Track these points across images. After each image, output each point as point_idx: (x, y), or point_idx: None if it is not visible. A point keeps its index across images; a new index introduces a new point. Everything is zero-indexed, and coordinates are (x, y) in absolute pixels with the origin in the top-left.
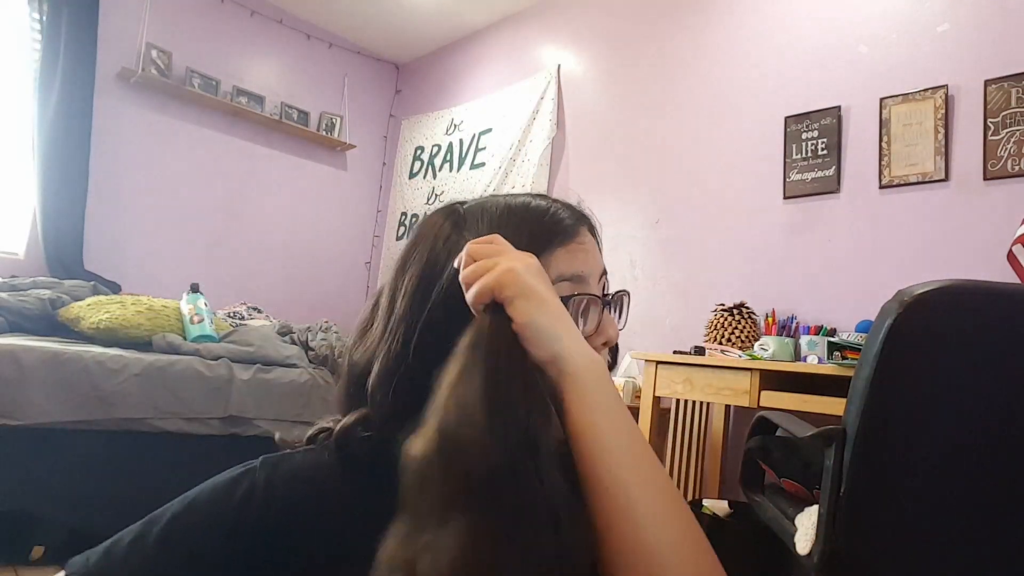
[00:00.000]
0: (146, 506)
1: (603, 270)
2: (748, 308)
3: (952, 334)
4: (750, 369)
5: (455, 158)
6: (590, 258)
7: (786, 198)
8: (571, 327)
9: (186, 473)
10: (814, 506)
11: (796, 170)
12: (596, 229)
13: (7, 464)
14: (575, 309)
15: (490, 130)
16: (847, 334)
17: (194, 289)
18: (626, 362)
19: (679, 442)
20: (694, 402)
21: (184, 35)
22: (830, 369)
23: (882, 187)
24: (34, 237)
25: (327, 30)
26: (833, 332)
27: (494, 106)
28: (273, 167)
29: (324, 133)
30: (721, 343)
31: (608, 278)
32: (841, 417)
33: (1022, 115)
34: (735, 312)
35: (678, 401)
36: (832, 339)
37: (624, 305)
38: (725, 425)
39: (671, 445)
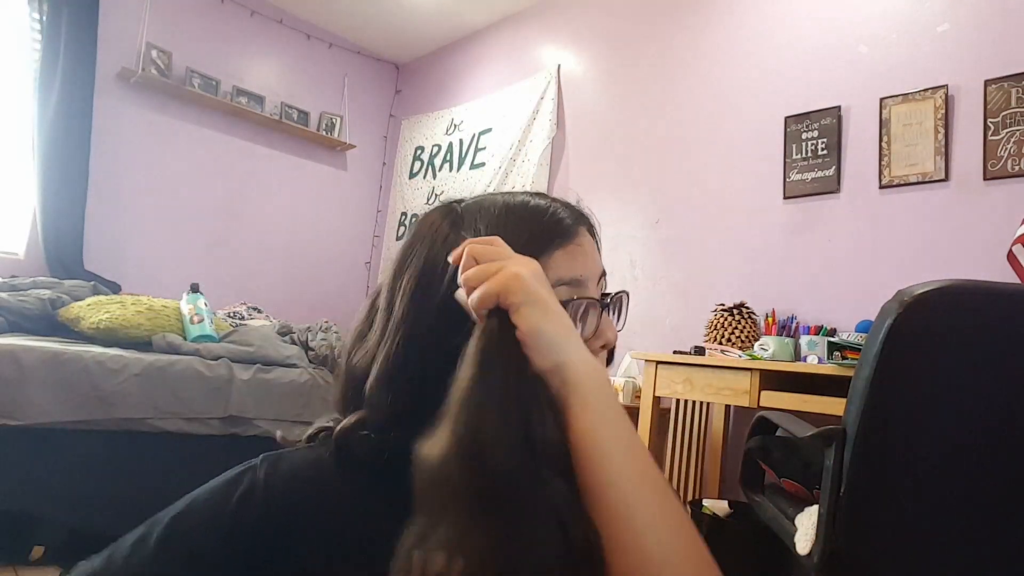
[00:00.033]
0: (146, 506)
1: (602, 271)
2: (748, 308)
3: (952, 334)
4: (750, 369)
5: (455, 158)
6: (589, 260)
7: (786, 198)
8: (574, 336)
9: (186, 473)
10: (814, 506)
11: (796, 170)
12: (595, 229)
13: (7, 464)
14: (574, 313)
15: (490, 130)
16: (847, 334)
17: (194, 289)
18: (626, 362)
19: (679, 442)
20: (694, 402)
21: (184, 35)
22: (830, 369)
23: (882, 187)
24: (34, 237)
25: (327, 30)
26: (833, 332)
27: (494, 106)
28: (273, 167)
29: (324, 133)
30: (721, 343)
31: (607, 278)
32: (841, 417)
33: (1022, 115)
34: (735, 312)
35: (678, 401)
36: (832, 339)
37: (623, 306)
38: (725, 425)
39: (671, 445)
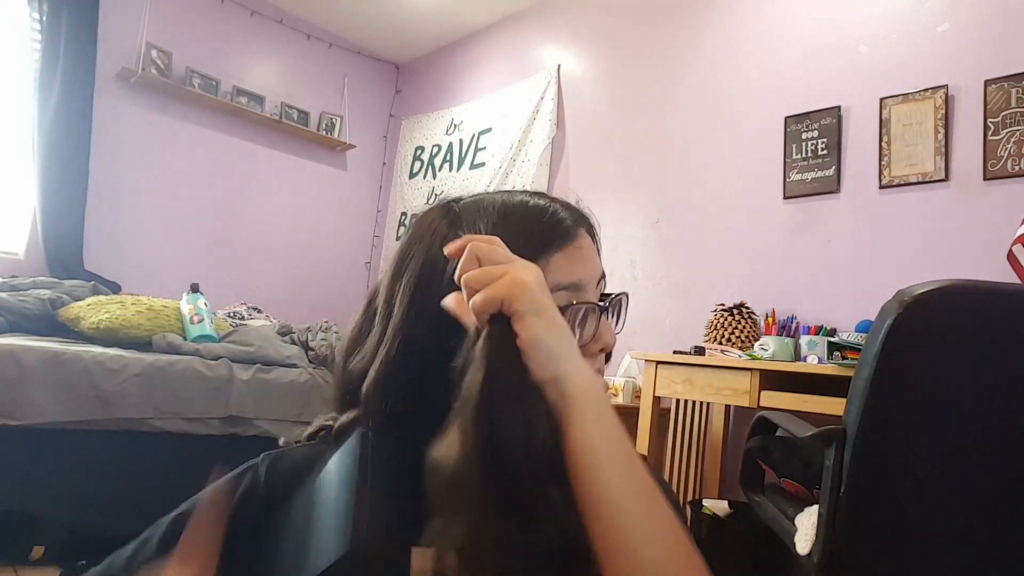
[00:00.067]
0: (146, 506)
1: (601, 273)
2: (748, 308)
3: (952, 334)
4: (750, 369)
5: (455, 158)
6: (588, 263)
7: (786, 198)
8: (573, 347)
9: (186, 473)
10: (814, 506)
11: (796, 170)
12: (595, 229)
13: (7, 464)
14: (572, 318)
15: (490, 130)
16: (847, 334)
17: (194, 289)
18: (626, 362)
19: (679, 442)
20: (694, 402)
21: (184, 35)
22: (830, 369)
23: (882, 187)
24: (34, 237)
25: (327, 30)
26: (833, 332)
27: (494, 106)
28: (273, 167)
29: (324, 133)
30: (721, 343)
31: (607, 279)
32: (841, 417)
33: (1022, 115)
34: (735, 312)
35: (678, 401)
36: (832, 339)
37: (622, 308)
38: (725, 425)
39: (671, 445)
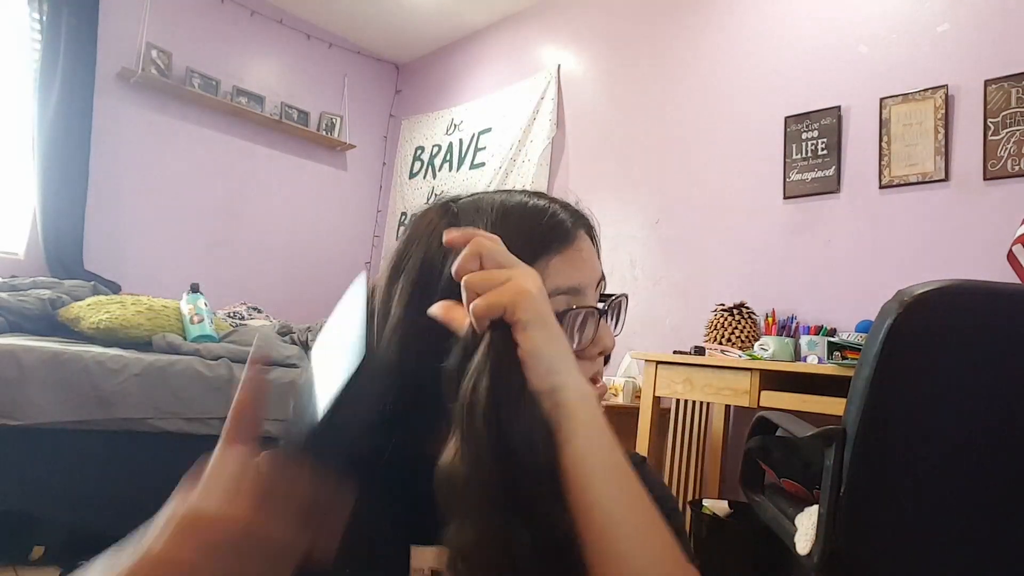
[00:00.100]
0: (146, 506)
1: (600, 276)
2: (748, 308)
3: (952, 334)
4: (750, 369)
5: (455, 158)
6: (587, 266)
7: (786, 198)
8: (570, 357)
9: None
10: (814, 506)
11: (796, 170)
12: (595, 230)
13: (7, 464)
14: (571, 323)
15: (490, 130)
16: (847, 334)
17: (194, 289)
18: (626, 362)
19: (679, 442)
20: (694, 402)
21: (184, 35)
22: (830, 369)
23: (882, 187)
24: (34, 237)
25: (327, 30)
26: (833, 332)
27: (494, 106)
28: (273, 167)
29: (324, 133)
30: (721, 343)
31: (607, 278)
32: (841, 417)
33: (1022, 115)
34: (735, 312)
35: (678, 401)
36: (832, 339)
37: (621, 310)
38: (725, 425)
39: (671, 445)
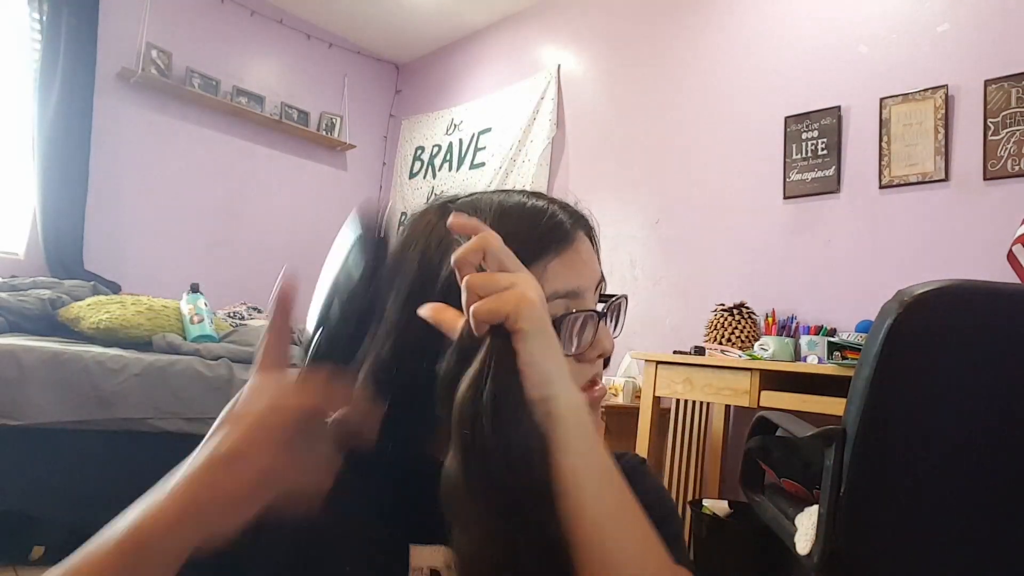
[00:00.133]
0: None
1: (600, 277)
2: (748, 308)
3: (952, 334)
4: (750, 369)
5: (455, 158)
6: (587, 269)
7: (786, 198)
8: (564, 367)
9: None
10: (814, 506)
11: (796, 170)
12: (594, 231)
13: (7, 464)
14: (570, 327)
15: (490, 130)
16: (847, 334)
17: (194, 289)
18: (626, 362)
19: (679, 442)
20: (694, 402)
21: (184, 35)
22: (830, 369)
23: (882, 187)
24: (34, 237)
25: (327, 30)
26: (833, 332)
27: (494, 106)
28: (273, 167)
29: (324, 133)
30: (721, 343)
31: (607, 279)
32: (841, 417)
33: (1022, 115)
34: (735, 312)
35: (678, 401)
36: (832, 339)
37: (621, 312)
38: (725, 425)
39: (671, 445)
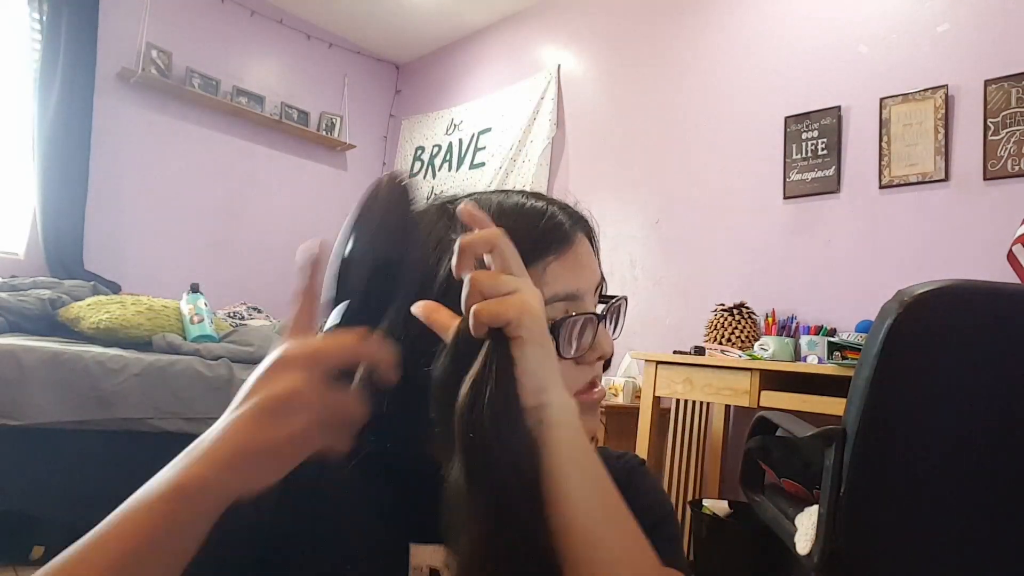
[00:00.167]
0: None
1: (600, 278)
2: (748, 308)
3: (952, 334)
4: (750, 369)
5: (455, 158)
6: (586, 271)
7: (786, 198)
8: (557, 374)
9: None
10: (814, 506)
11: (796, 170)
12: (594, 232)
13: (7, 464)
14: (569, 330)
15: (490, 130)
16: (847, 334)
17: (194, 289)
18: (626, 362)
19: (679, 442)
20: (694, 402)
21: (184, 35)
22: (830, 369)
23: (882, 187)
24: (34, 237)
25: (327, 30)
26: (833, 332)
27: (494, 106)
28: (273, 167)
29: (324, 133)
30: (721, 343)
31: (607, 279)
32: (841, 417)
33: (1022, 115)
34: (735, 312)
35: (678, 401)
36: (832, 339)
37: (620, 314)
38: (725, 425)
39: (671, 445)
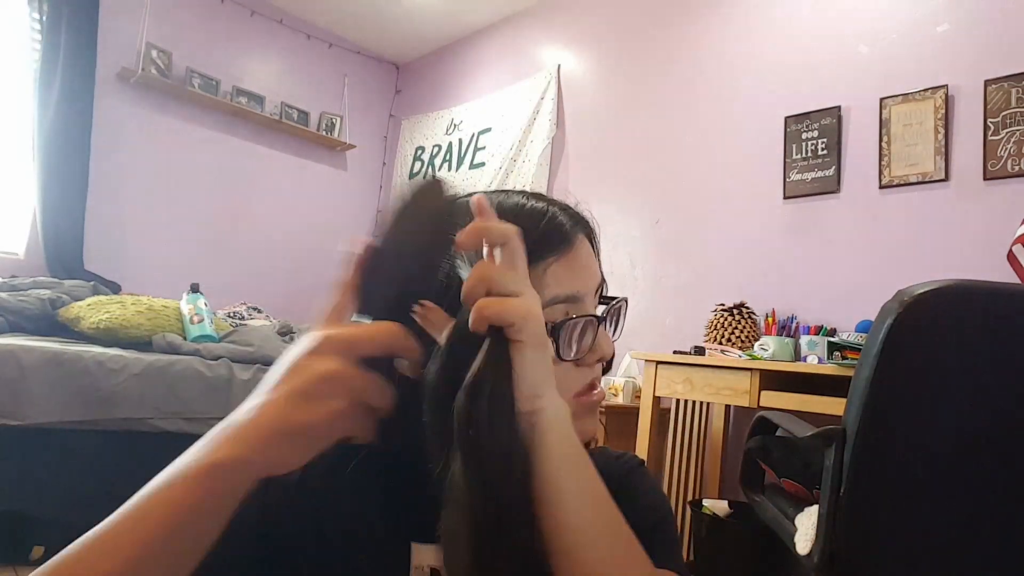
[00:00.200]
0: None
1: (600, 280)
2: (748, 308)
3: (952, 334)
4: (750, 369)
5: (455, 158)
6: (586, 273)
7: (786, 198)
8: (551, 379)
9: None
10: (814, 506)
11: (796, 170)
12: (595, 233)
13: (7, 464)
14: (569, 333)
15: (490, 130)
16: (847, 334)
17: (194, 289)
18: (626, 362)
19: (679, 442)
20: (694, 402)
21: (184, 35)
22: (830, 369)
23: (882, 187)
24: (34, 237)
25: (327, 30)
26: (833, 332)
27: (494, 106)
28: (273, 167)
29: (324, 133)
30: (721, 343)
31: (607, 279)
32: (841, 417)
33: (1022, 115)
34: (735, 312)
35: (678, 401)
36: (832, 339)
37: (621, 316)
38: (725, 425)
39: (671, 445)
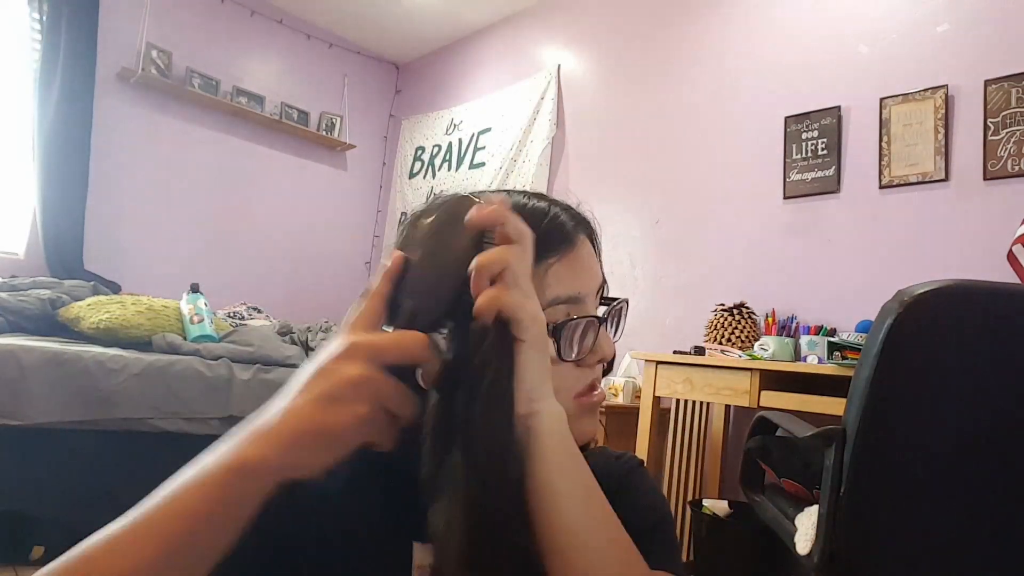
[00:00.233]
0: None
1: (602, 281)
2: (748, 308)
3: (952, 334)
4: (750, 369)
5: (455, 158)
6: (588, 273)
7: (786, 198)
8: (549, 382)
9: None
10: (814, 506)
11: (796, 170)
12: (596, 234)
13: (7, 464)
14: (570, 334)
15: (490, 130)
16: (847, 334)
17: (194, 289)
18: (626, 362)
19: (679, 442)
20: (694, 402)
21: (184, 35)
22: (830, 369)
23: (882, 187)
24: (34, 237)
25: (327, 30)
26: (833, 332)
27: (494, 106)
28: (273, 167)
29: (324, 133)
30: (721, 343)
31: (608, 281)
32: (841, 417)
33: (1022, 115)
34: (735, 312)
35: (678, 401)
36: (832, 339)
37: (621, 317)
38: (725, 425)
39: (671, 445)
